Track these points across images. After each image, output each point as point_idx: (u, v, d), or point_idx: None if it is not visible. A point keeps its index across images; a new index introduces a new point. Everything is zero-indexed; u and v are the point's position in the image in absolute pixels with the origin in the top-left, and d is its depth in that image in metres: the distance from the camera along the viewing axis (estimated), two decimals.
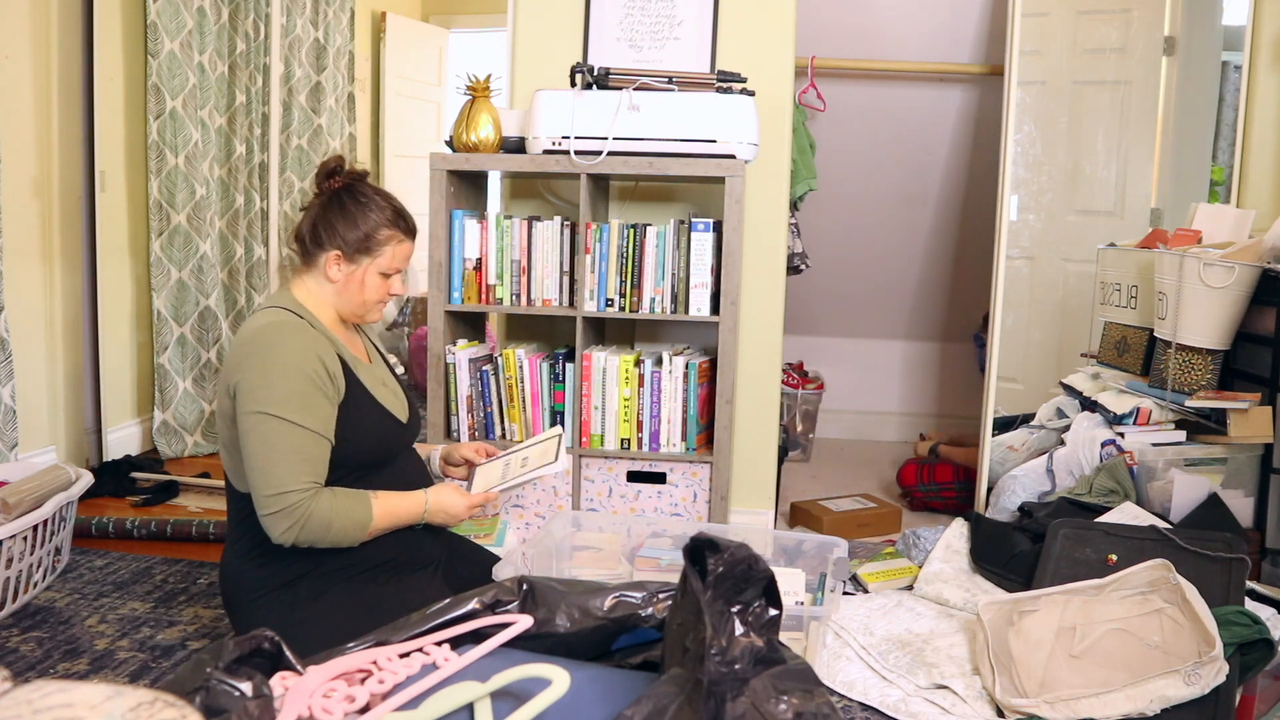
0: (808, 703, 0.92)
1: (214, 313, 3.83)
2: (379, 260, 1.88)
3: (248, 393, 1.74)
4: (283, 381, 1.74)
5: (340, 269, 1.87)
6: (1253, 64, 3.21)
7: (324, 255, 1.87)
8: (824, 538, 2.47)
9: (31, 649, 2.20)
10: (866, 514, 3.17)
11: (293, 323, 1.81)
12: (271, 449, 1.72)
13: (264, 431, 1.73)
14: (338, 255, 1.86)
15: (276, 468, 1.72)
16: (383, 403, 1.90)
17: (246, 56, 3.91)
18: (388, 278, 1.90)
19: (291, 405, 1.74)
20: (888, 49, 3.88)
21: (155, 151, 3.58)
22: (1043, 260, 3.68)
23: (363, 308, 1.91)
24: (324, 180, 1.91)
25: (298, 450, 1.73)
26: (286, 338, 1.78)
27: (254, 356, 1.76)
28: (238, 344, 1.80)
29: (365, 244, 1.86)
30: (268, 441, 1.72)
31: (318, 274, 1.89)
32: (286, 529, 1.72)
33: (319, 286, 1.90)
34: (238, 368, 1.77)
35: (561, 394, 2.74)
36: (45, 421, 3.33)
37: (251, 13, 3.89)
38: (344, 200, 1.87)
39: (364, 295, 1.89)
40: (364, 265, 1.87)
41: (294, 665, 1.00)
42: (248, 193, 3.98)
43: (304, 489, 1.73)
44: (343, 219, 1.86)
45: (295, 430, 1.73)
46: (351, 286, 1.88)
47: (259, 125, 3.99)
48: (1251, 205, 3.12)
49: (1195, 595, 2.03)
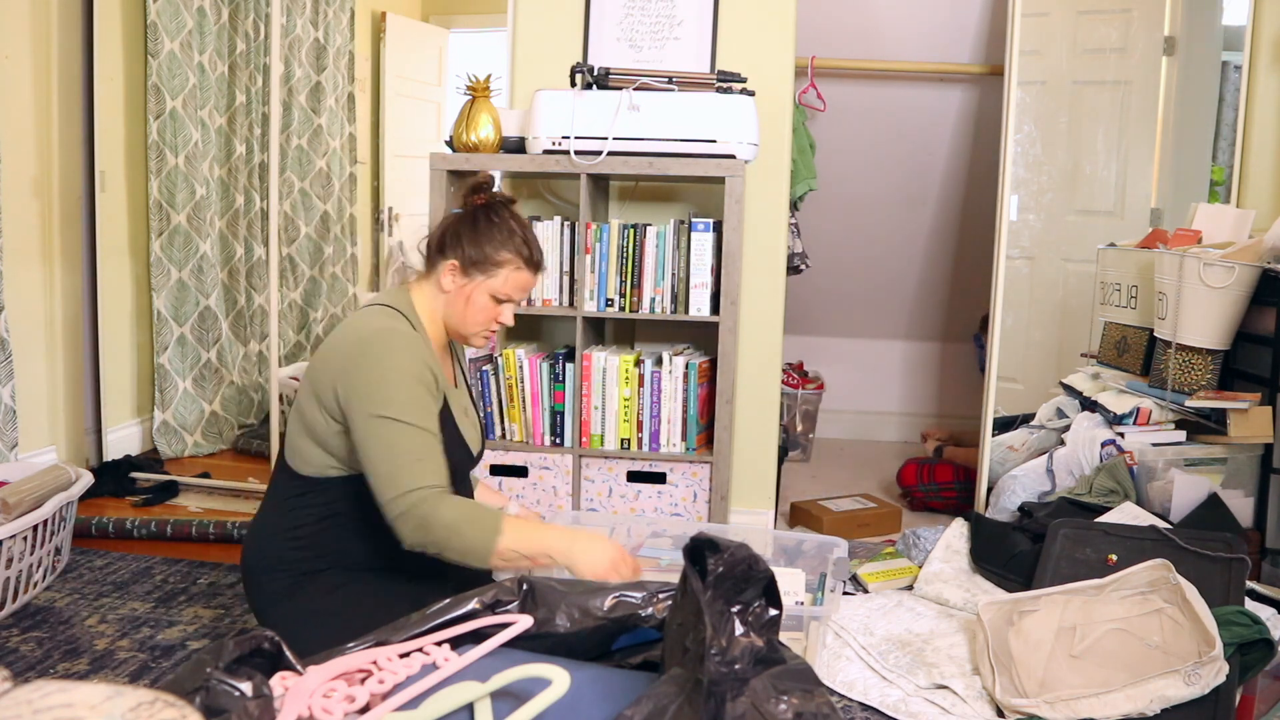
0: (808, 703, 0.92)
1: (214, 313, 3.83)
2: (492, 281, 1.87)
3: (364, 395, 1.73)
4: (401, 385, 1.73)
5: (453, 280, 1.87)
6: (1253, 64, 3.21)
7: (443, 264, 1.87)
8: (824, 538, 2.47)
9: (31, 649, 2.20)
10: (866, 514, 3.17)
11: (406, 331, 1.82)
12: (393, 452, 1.71)
13: (385, 435, 1.71)
14: (454, 265, 1.86)
15: (400, 470, 1.70)
16: (461, 430, 1.90)
17: (246, 56, 3.91)
18: (499, 303, 1.90)
19: (410, 409, 1.73)
20: (888, 49, 3.88)
21: (155, 151, 3.58)
22: (1043, 260, 3.68)
23: (466, 325, 1.90)
24: (469, 195, 1.92)
25: (418, 452, 1.72)
26: (402, 343, 1.78)
27: (370, 357, 1.75)
28: (352, 338, 1.79)
29: (483, 261, 1.86)
30: (389, 445, 1.71)
31: (434, 281, 1.90)
32: (414, 528, 1.69)
33: (432, 295, 1.90)
34: (351, 365, 1.76)
35: (561, 394, 2.74)
36: (45, 421, 3.33)
37: (251, 13, 3.89)
38: (478, 217, 1.88)
39: (470, 313, 1.88)
40: (477, 282, 1.87)
41: (294, 665, 1.00)
42: (248, 193, 3.98)
43: (428, 486, 1.70)
44: (471, 233, 1.86)
45: (416, 433, 1.72)
46: (460, 300, 1.87)
47: (259, 125, 3.99)
48: (1251, 205, 3.12)
49: (1195, 595, 2.03)
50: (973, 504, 3.10)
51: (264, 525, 1.89)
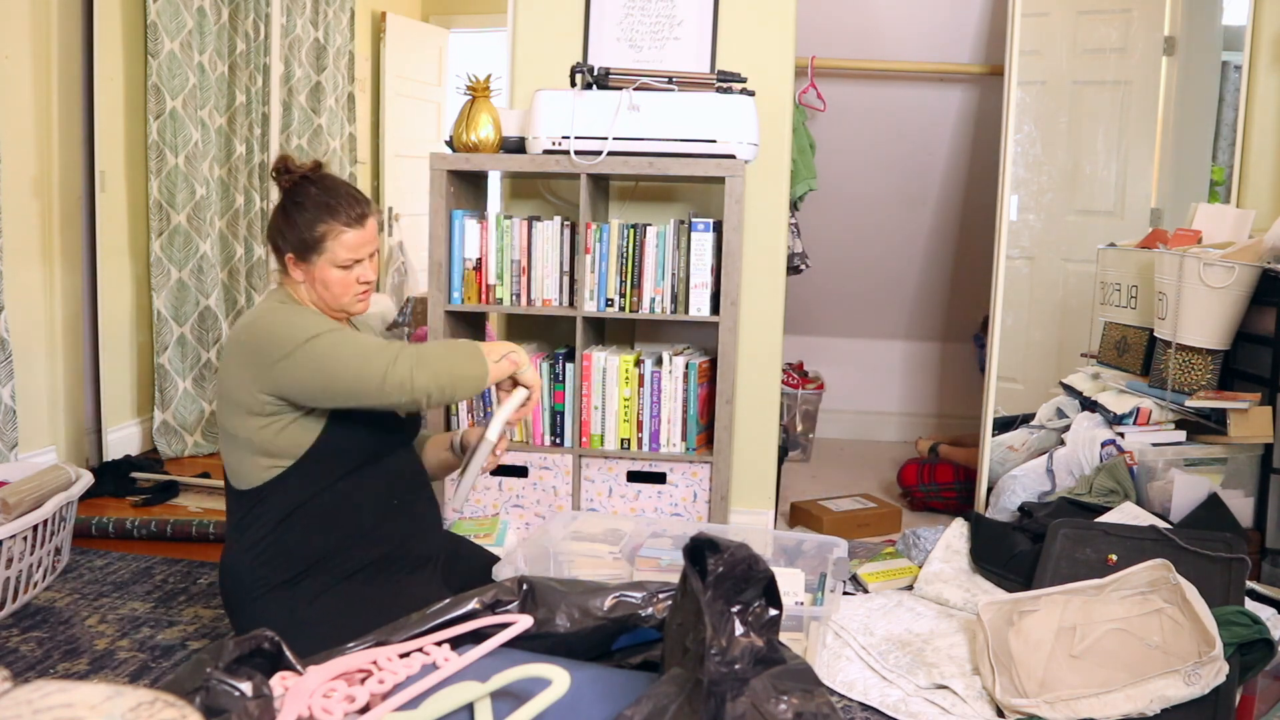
0: (808, 703, 0.92)
1: (214, 313, 3.83)
2: (327, 255, 1.86)
3: (286, 341, 1.77)
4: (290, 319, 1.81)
5: (301, 270, 1.89)
6: (1253, 64, 3.21)
7: (283, 259, 1.90)
8: (824, 538, 2.47)
9: (31, 649, 2.20)
10: (866, 514, 3.17)
11: (295, 303, 1.88)
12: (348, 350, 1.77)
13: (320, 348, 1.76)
14: (291, 258, 1.88)
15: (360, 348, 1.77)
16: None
17: (246, 56, 3.91)
18: (348, 269, 1.88)
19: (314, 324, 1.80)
20: (888, 49, 3.88)
21: (155, 151, 3.58)
22: (1043, 260, 3.68)
23: (337, 301, 1.91)
24: (278, 182, 1.93)
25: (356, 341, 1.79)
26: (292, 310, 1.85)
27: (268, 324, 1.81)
28: (243, 329, 1.84)
29: (308, 244, 1.86)
30: (332, 350, 1.77)
31: (291, 276, 1.92)
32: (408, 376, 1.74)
33: (296, 288, 1.93)
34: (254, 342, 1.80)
35: (561, 394, 2.74)
36: (45, 421, 3.33)
37: (251, 13, 3.89)
38: (286, 205, 1.89)
39: (330, 289, 1.89)
40: (316, 263, 1.87)
41: (294, 665, 1.00)
42: (248, 193, 3.98)
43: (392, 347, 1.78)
44: (285, 222, 1.88)
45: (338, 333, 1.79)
46: (317, 285, 1.89)
47: (259, 125, 3.99)
48: (1251, 205, 3.12)
49: (1195, 595, 2.03)
50: (973, 504, 3.10)
51: (229, 554, 1.90)
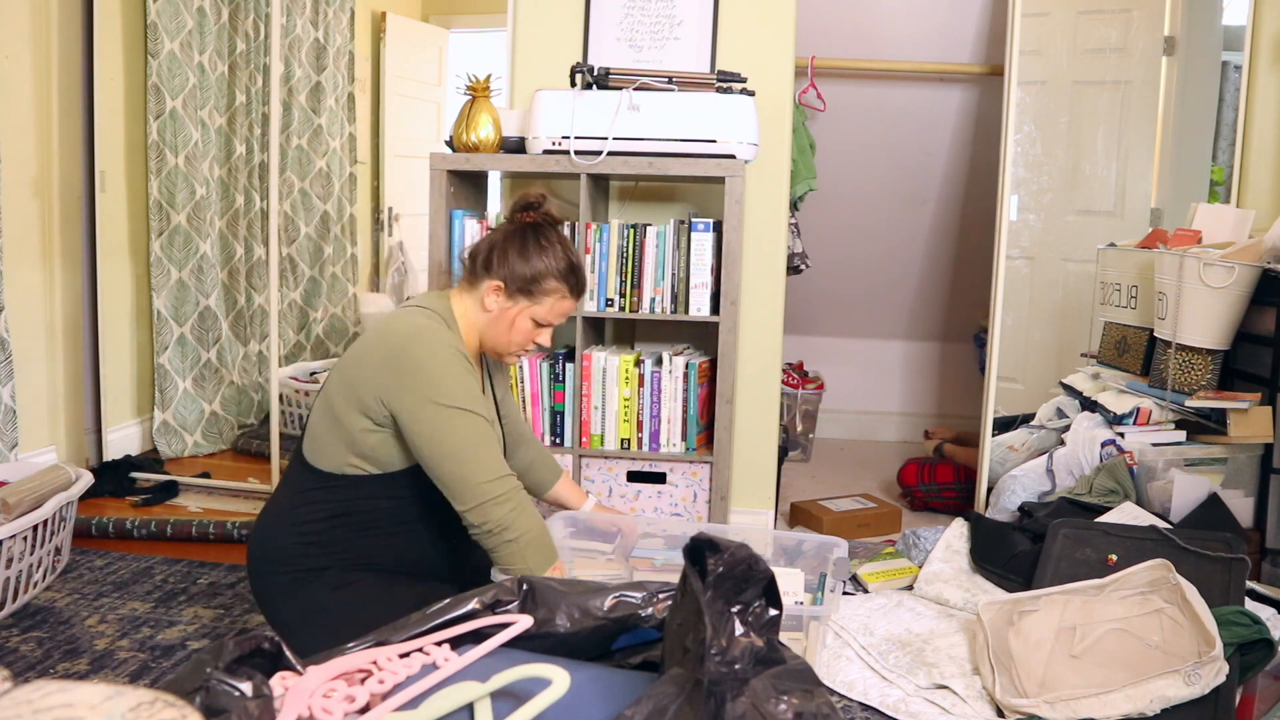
0: (808, 703, 0.92)
1: (214, 313, 3.83)
2: (537, 308, 1.86)
3: (425, 386, 1.72)
4: (459, 378, 1.75)
5: (497, 301, 1.86)
6: (1253, 64, 3.21)
7: (486, 282, 1.85)
8: (824, 538, 2.47)
9: (31, 649, 2.20)
10: (866, 514, 3.17)
11: (445, 331, 1.81)
12: (473, 439, 1.72)
13: (459, 423, 1.72)
14: (498, 287, 1.85)
15: (487, 456, 1.72)
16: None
17: (246, 56, 3.91)
18: (539, 327, 1.89)
19: (473, 399, 1.75)
20: (888, 49, 3.88)
21: (155, 151, 3.58)
22: (1043, 260, 3.68)
23: (504, 347, 1.90)
24: (518, 211, 1.90)
25: (493, 440, 1.75)
26: (439, 335, 1.78)
27: (418, 352, 1.75)
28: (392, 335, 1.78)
29: (529, 285, 1.85)
30: (466, 432, 1.72)
31: (475, 297, 1.88)
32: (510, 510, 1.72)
33: (473, 309, 1.89)
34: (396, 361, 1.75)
35: (561, 394, 2.74)
36: (45, 421, 3.33)
37: (251, 13, 3.89)
38: (527, 236, 1.86)
39: (510, 335, 1.87)
40: (520, 306, 1.86)
41: (294, 665, 1.00)
42: (248, 193, 3.98)
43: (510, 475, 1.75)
44: (519, 253, 1.84)
45: (484, 422, 1.75)
46: (502, 323, 1.86)
47: (259, 125, 3.99)
48: (1251, 205, 3.12)
49: (1195, 595, 2.03)
50: (973, 504, 3.10)
51: (274, 517, 1.87)
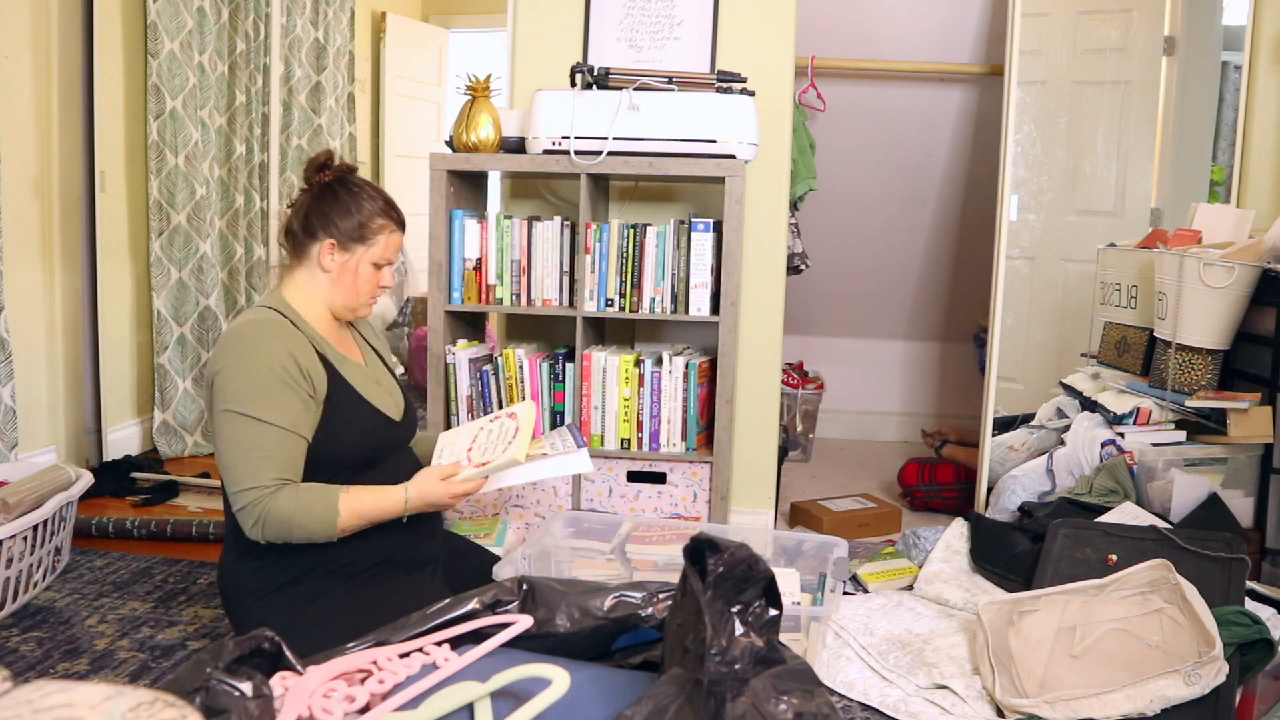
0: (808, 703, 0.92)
1: (214, 313, 3.83)
2: (372, 250, 1.89)
3: (219, 390, 1.77)
4: (252, 378, 1.76)
5: (334, 258, 1.88)
6: (1253, 64, 3.21)
7: (317, 245, 1.87)
8: (824, 538, 2.47)
9: (31, 649, 2.20)
10: (866, 514, 3.17)
11: (272, 320, 1.82)
12: (237, 446, 1.75)
13: (231, 429, 1.75)
14: (332, 244, 1.87)
15: (240, 464, 1.74)
16: (371, 400, 1.90)
17: (246, 56, 3.91)
18: (379, 269, 1.92)
19: (258, 402, 1.75)
20: (888, 49, 3.88)
21: (155, 151, 3.58)
22: (1043, 260, 3.68)
23: (355, 299, 1.91)
24: (314, 173, 1.92)
25: (262, 447, 1.75)
26: (261, 335, 1.79)
27: (228, 354, 1.78)
28: (219, 342, 1.83)
29: (359, 232, 1.87)
30: (234, 439, 1.75)
31: (310, 266, 1.89)
32: (252, 525, 1.75)
33: (310, 280, 1.90)
34: (214, 364, 1.80)
35: (561, 394, 2.74)
36: (45, 421, 3.33)
37: (251, 13, 3.89)
38: (337, 191, 1.88)
39: (357, 285, 1.90)
40: (358, 254, 1.88)
41: (294, 665, 1.00)
42: (248, 193, 3.98)
43: (264, 486, 1.74)
44: (336, 208, 1.87)
45: (260, 427, 1.75)
46: (345, 276, 1.89)
47: (259, 125, 3.99)
48: (1251, 205, 3.12)
49: (1195, 595, 2.03)
50: (973, 504, 3.10)
51: (227, 557, 1.89)
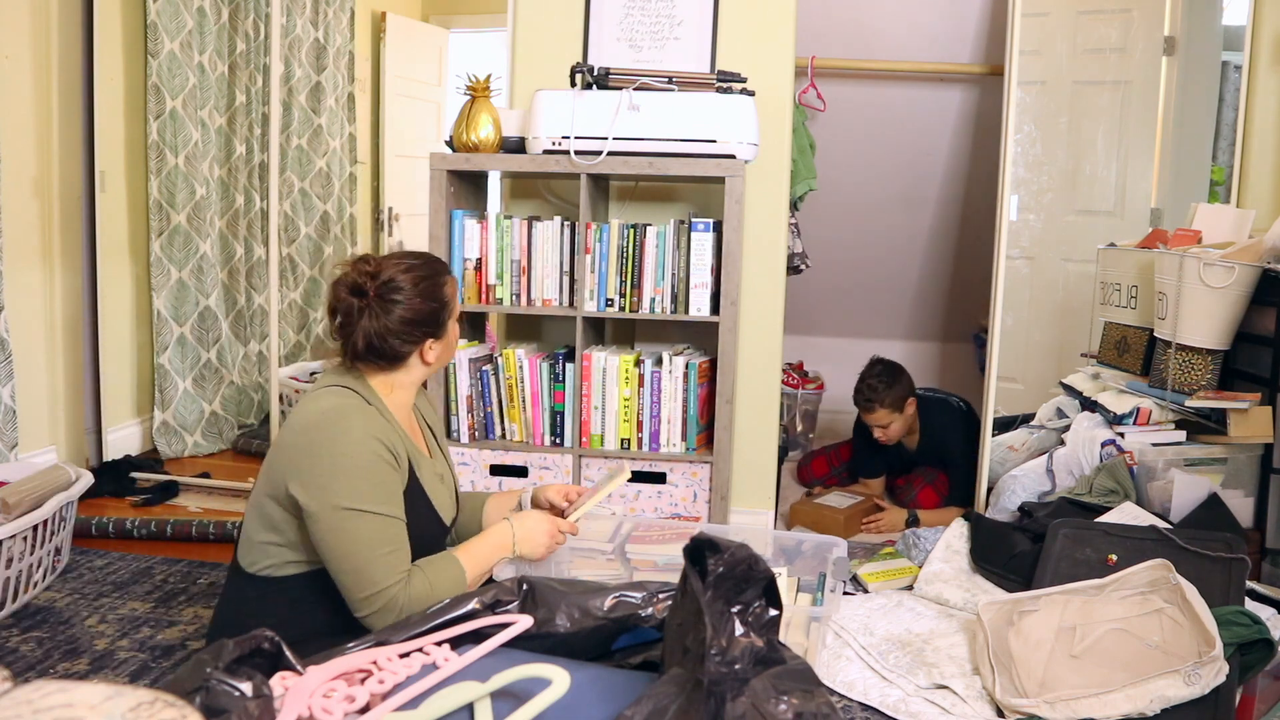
0: (808, 703, 0.92)
1: (214, 313, 3.83)
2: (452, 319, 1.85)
3: (320, 486, 1.66)
4: (355, 470, 1.66)
5: (436, 350, 1.82)
6: (1253, 64, 3.21)
7: (416, 351, 1.80)
8: (824, 538, 2.47)
9: (31, 649, 2.20)
10: (865, 508, 3.19)
11: (357, 406, 1.73)
12: (359, 546, 1.65)
13: (350, 529, 1.65)
14: (431, 342, 1.81)
15: (368, 566, 1.64)
16: (434, 501, 1.84)
17: (246, 56, 3.91)
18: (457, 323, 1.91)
19: (369, 495, 1.66)
20: (888, 49, 3.88)
21: (155, 151, 3.58)
22: (1043, 260, 3.68)
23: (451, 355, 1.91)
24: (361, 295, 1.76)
25: (385, 542, 1.67)
26: (351, 422, 1.70)
27: (320, 445, 1.67)
28: (300, 427, 1.71)
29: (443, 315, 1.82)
30: (354, 539, 1.65)
31: (408, 369, 1.82)
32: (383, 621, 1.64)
33: (403, 376, 1.82)
34: (303, 455, 1.68)
35: (561, 394, 2.74)
36: (45, 421, 3.33)
37: (251, 13, 3.89)
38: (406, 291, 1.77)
39: (453, 348, 1.89)
40: (448, 327, 1.84)
41: (294, 665, 1.00)
42: (248, 193, 3.98)
43: (397, 581, 1.66)
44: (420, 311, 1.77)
45: (378, 521, 1.67)
46: (446, 353, 1.87)
47: (259, 125, 3.99)
48: (1251, 205, 3.12)
49: (1195, 595, 2.03)
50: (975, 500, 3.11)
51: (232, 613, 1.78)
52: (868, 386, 3.27)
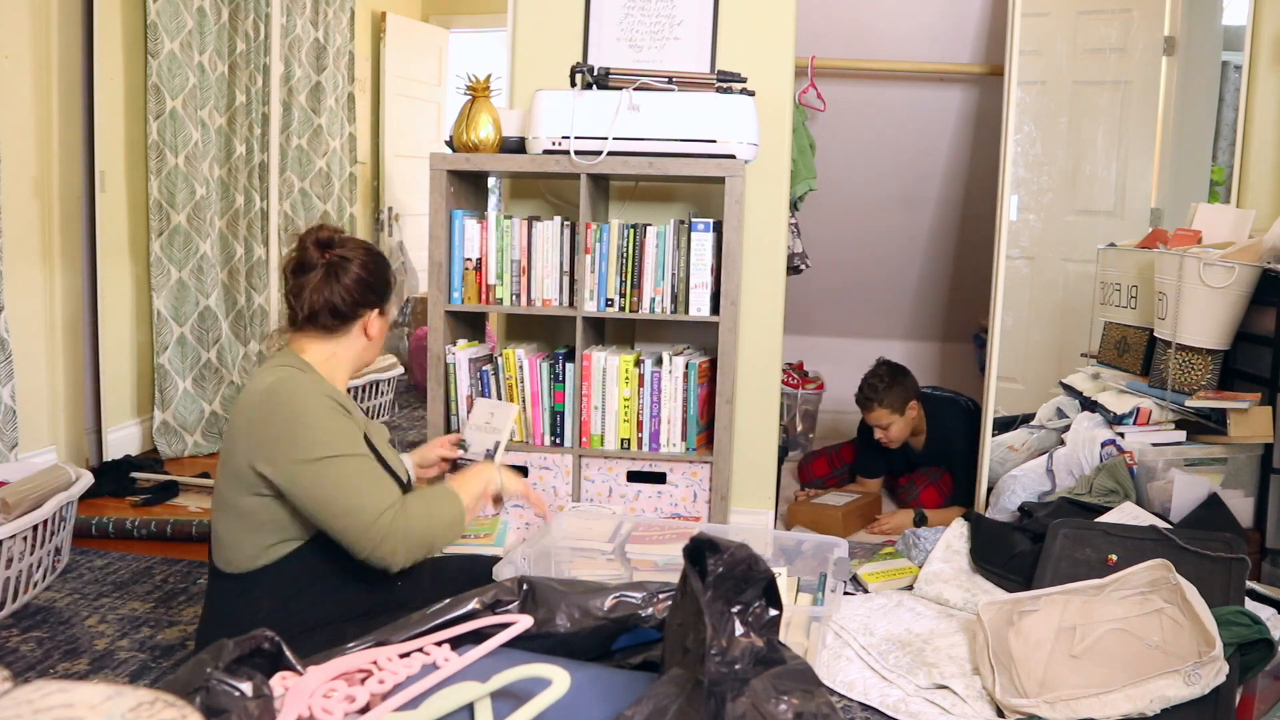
0: (808, 703, 0.92)
1: (214, 313, 3.83)
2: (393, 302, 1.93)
3: (288, 445, 1.68)
4: (315, 423, 1.70)
5: (380, 325, 1.88)
6: (1253, 64, 3.21)
7: (360, 320, 1.85)
8: (824, 538, 2.47)
9: (31, 649, 2.20)
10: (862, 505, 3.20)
11: (300, 374, 1.77)
12: (343, 489, 1.68)
13: (329, 475, 1.68)
14: (378, 312, 1.87)
15: (358, 502, 1.67)
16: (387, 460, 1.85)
17: (246, 56, 3.91)
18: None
19: (335, 442, 1.70)
20: (888, 49, 3.88)
21: (155, 151, 3.58)
22: (1043, 260, 3.68)
23: (373, 357, 1.94)
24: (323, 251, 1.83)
25: (365, 475, 1.70)
26: (297, 385, 1.74)
27: (274, 412, 1.70)
28: (248, 405, 1.74)
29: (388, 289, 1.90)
30: (337, 483, 1.68)
31: (348, 337, 1.85)
32: (393, 551, 1.68)
33: (342, 348, 1.86)
34: (258, 428, 1.71)
35: (561, 394, 2.74)
36: (45, 421, 3.33)
37: (251, 13, 3.89)
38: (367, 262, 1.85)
39: (378, 340, 1.92)
40: (390, 314, 1.92)
41: (294, 665, 1.00)
42: (248, 193, 3.98)
43: (391, 505, 1.69)
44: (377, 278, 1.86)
45: (351, 461, 1.70)
46: (375, 339, 1.90)
47: (259, 125, 3.99)
48: (1251, 205, 3.12)
49: (1195, 595, 2.03)
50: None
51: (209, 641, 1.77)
52: (868, 385, 3.27)
